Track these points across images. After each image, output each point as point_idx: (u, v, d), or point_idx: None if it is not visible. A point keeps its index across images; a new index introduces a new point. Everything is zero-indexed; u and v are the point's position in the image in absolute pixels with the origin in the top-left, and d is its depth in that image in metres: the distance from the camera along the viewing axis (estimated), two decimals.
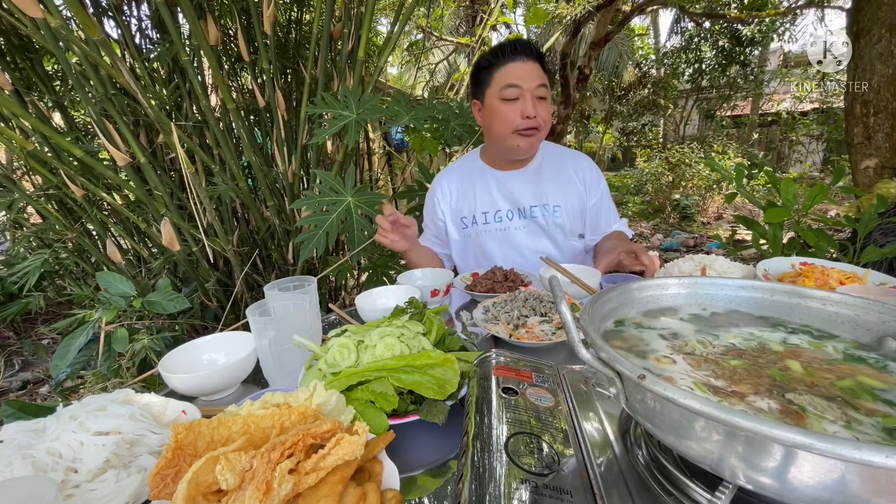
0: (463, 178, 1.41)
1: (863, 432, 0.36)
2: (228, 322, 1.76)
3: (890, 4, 2.62)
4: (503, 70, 1.21)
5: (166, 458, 0.44)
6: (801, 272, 0.93)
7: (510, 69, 1.20)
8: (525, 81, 1.18)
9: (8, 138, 1.50)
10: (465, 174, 1.41)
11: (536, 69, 1.21)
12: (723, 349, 0.52)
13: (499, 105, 1.22)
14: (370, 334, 0.66)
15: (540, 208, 1.35)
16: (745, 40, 6.97)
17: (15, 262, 1.94)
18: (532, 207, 1.35)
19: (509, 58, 1.20)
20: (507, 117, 1.21)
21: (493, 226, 1.37)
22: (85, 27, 1.29)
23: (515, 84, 1.19)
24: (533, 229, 1.36)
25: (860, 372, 0.46)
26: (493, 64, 1.23)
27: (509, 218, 1.36)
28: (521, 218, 1.36)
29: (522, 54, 1.20)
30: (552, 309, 0.90)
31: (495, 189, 1.37)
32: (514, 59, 1.20)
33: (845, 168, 2.83)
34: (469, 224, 1.39)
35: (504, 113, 1.21)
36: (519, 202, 1.36)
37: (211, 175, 1.80)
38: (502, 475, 0.41)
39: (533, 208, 1.35)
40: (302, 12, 2.22)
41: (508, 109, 1.21)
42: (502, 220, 1.36)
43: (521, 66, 1.19)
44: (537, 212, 1.35)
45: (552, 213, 1.34)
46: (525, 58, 1.20)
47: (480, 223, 1.38)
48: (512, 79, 1.19)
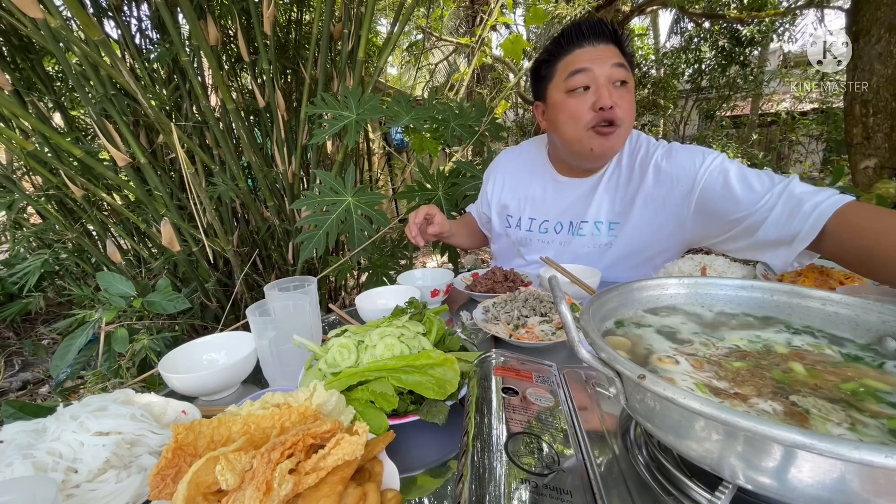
0: (522, 169, 1.24)
1: (868, 434, 0.36)
2: (228, 322, 1.76)
3: (889, 5, 2.62)
4: (568, 58, 0.99)
5: (166, 458, 0.44)
6: (800, 272, 0.93)
7: (578, 55, 0.98)
8: (597, 64, 0.95)
9: (8, 138, 1.50)
10: (526, 166, 1.24)
11: (612, 50, 0.97)
12: (726, 351, 0.52)
13: (563, 99, 1.00)
14: (370, 334, 0.66)
15: (591, 225, 1.11)
16: (745, 40, 6.97)
17: (15, 262, 1.94)
18: (582, 223, 1.13)
19: (575, 44, 0.98)
20: (575, 112, 0.98)
21: (537, 235, 1.20)
22: (85, 28, 1.29)
23: (584, 68, 0.96)
24: (575, 248, 1.15)
25: (865, 374, 0.46)
26: (555, 54, 1.02)
27: (556, 231, 1.17)
28: (570, 234, 1.16)
29: (592, 37, 0.97)
30: (552, 309, 0.90)
31: (552, 193, 1.18)
32: (581, 45, 0.98)
33: (845, 168, 2.84)
34: (513, 224, 1.25)
35: (572, 107, 0.99)
36: (569, 216, 1.15)
37: (211, 175, 1.80)
38: (502, 475, 0.41)
39: (583, 224, 1.12)
40: (302, 12, 2.22)
41: (577, 102, 0.98)
42: (547, 231, 1.19)
43: (594, 50, 0.97)
44: (586, 230, 1.12)
45: (607, 232, 1.10)
46: (595, 41, 0.97)
47: (524, 229, 1.22)
48: (580, 62, 0.97)
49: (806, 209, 0.77)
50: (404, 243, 1.95)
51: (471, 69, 3.18)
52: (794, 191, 0.82)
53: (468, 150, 2.27)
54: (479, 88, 5.86)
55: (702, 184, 0.94)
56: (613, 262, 1.12)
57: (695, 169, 0.96)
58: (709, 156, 0.96)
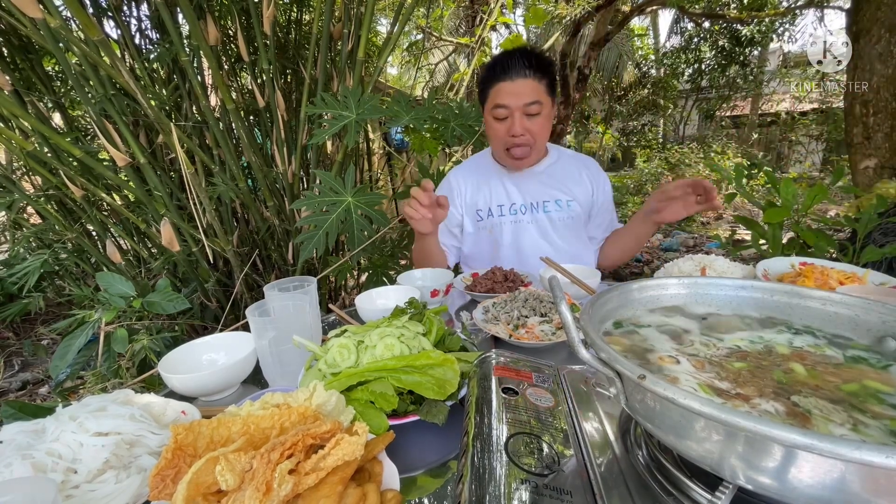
0: (478, 174, 1.44)
1: (870, 435, 0.36)
2: (228, 322, 1.76)
3: (889, 4, 2.62)
4: (495, 89, 1.23)
5: (166, 458, 0.44)
6: (800, 272, 0.93)
7: (500, 88, 1.21)
8: (514, 100, 1.19)
9: (8, 139, 1.50)
10: (479, 171, 1.44)
11: (529, 85, 1.19)
12: (726, 351, 0.52)
13: (491, 121, 1.27)
14: (370, 335, 0.66)
15: (553, 203, 1.38)
16: (745, 40, 6.98)
17: (15, 262, 1.94)
18: (545, 203, 1.38)
19: (499, 77, 1.21)
20: (497, 134, 1.27)
21: (508, 218, 1.39)
22: (85, 28, 1.29)
23: (503, 105, 1.21)
24: (543, 226, 1.38)
25: (866, 375, 0.45)
26: (487, 80, 1.26)
27: (522, 212, 1.39)
28: (533, 213, 1.38)
29: (513, 72, 1.19)
30: (552, 309, 0.90)
31: (510, 184, 1.40)
32: (503, 79, 1.20)
33: (845, 168, 2.83)
34: (485, 216, 1.41)
35: (495, 130, 1.27)
36: (533, 198, 1.38)
37: (211, 175, 1.80)
38: (502, 475, 0.41)
39: (546, 203, 1.38)
40: (302, 12, 2.22)
41: (499, 127, 1.26)
42: (517, 213, 1.39)
43: (512, 85, 1.20)
44: (550, 206, 1.38)
45: (567, 207, 1.37)
46: (516, 75, 1.19)
47: (496, 215, 1.40)
48: (500, 98, 1.21)
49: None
50: (404, 243, 1.95)
51: (471, 69, 3.18)
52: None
53: (468, 150, 2.27)
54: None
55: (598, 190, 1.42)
56: (577, 234, 1.41)
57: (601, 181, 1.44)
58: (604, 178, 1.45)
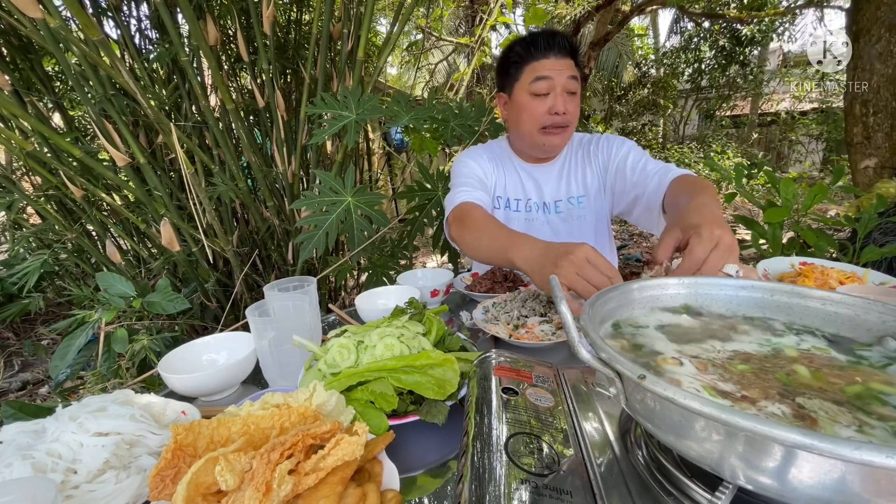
0: (494, 160, 1.37)
1: (876, 436, 0.36)
2: (228, 322, 1.76)
3: (889, 4, 2.62)
4: (531, 66, 1.17)
5: (166, 458, 0.44)
6: (800, 272, 0.93)
7: (540, 65, 1.15)
8: (557, 75, 1.14)
9: (7, 139, 1.50)
10: (495, 157, 1.37)
11: (569, 63, 1.17)
12: (729, 352, 0.52)
13: (527, 100, 1.18)
14: (370, 335, 0.66)
15: (565, 202, 1.32)
16: (745, 40, 6.97)
17: (15, 262, 1.94)
18: (556, 202, 1.32)
19: (542, 54, 1.15)
20: (535, 113, 1.18)
21: (523, 214, 1.34)
22: (84, 28, 1.29)
23: (545, 76, 1.14)
24: (556, 226, 1.33)
25: (871, 377, 0.45)
26: (524, 58, 1.18)
27: (536, 210, 1.33)
28: (546, 213, 1.33)
29: (556, 50, 1.15)
30: (552, 309, 0.90)
31: (526, 178, 1.34)
32: (546, 56, 1.15)
33: (845, 168, 2.84)
34: (502, 206, 1.35)
35: (532, 108, 1.18)
36: (545, 196, 1.33)
37: (210, 175, 1.79)
38: (502, 475, 0.41)
39: (558, 203, 1.32)
40: (301, 12, 2.22)
41: (537, 105, 1.17)
42: (531, 210, 1.34)
43: (553, 62, 1.15)
44: (562, 206, 1.32)
45: (577, 204, 1.32)
46: (556, 54, 1.15)
47: (512, 209, 1.35)
48: (542, 70, 1.15)
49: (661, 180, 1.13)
50: (404, 243, 1.95)
51: (470, 69, 3.18)
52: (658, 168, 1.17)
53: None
54: (479, 88, 5.87)
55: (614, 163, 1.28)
56: (591, 231, 1.33)
57: (611, 152, 1.30)
58: (624, 144, 1.29)
